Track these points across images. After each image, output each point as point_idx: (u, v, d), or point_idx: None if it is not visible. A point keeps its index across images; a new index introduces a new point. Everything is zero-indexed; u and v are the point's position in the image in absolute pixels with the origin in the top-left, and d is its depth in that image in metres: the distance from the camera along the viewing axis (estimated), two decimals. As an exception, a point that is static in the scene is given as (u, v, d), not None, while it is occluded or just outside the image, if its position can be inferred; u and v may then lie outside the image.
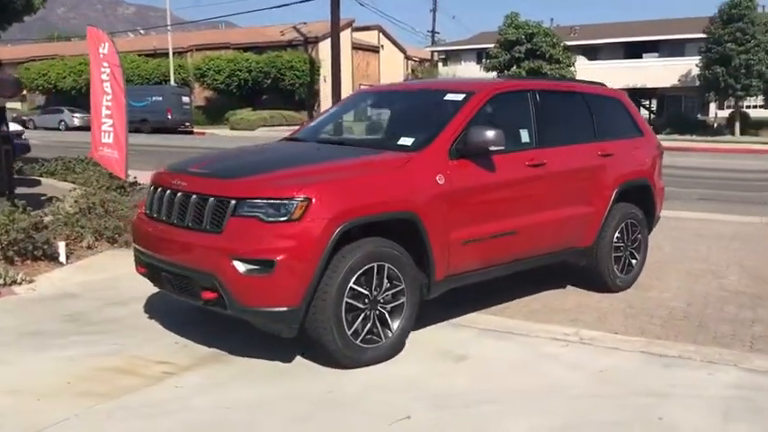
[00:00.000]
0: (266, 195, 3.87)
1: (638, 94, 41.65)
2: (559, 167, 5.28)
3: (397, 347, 4.27)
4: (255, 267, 3.79)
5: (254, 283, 3.81)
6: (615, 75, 39.45)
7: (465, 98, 4.91)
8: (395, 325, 4.22)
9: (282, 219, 3.81)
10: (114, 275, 6.05)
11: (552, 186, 5.25)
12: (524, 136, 5.22)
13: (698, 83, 36.03)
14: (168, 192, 4.31)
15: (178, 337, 4.58)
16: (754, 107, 40.37)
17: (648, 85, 39.49)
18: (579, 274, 6.05)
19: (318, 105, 49.54)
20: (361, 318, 4.07)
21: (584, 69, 38.40)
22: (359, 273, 4.00)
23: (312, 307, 3.89)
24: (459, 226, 4.53)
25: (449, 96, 5.09)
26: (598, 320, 5.26)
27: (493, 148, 4.58)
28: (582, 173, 5.54)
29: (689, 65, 37.41)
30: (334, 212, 3.88)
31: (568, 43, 38.88)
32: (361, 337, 4.07)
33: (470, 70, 43.74)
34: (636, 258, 6.10)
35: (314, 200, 3.83)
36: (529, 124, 5.20)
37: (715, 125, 36.84)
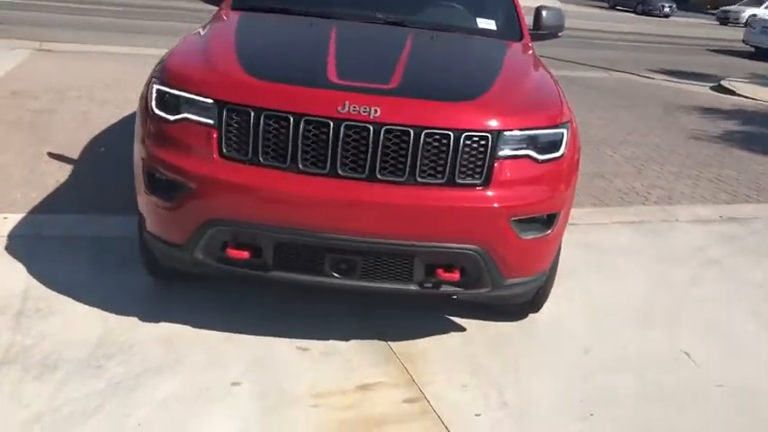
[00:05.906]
0: (538, 124, 2.76)
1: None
2: None
3: None
4: (536, 226, 2.79)
5: (530, 248, 2.82)
6: None
7: None
8: None
9: (555, 155, 2.79)
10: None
11: None
12: None
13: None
14: (335, 124, 2.54)
15: (286, 340, 3.05)
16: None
17: None
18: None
19: None
20: None
21: None
22: None
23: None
24: None
25: None
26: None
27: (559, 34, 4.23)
28: None
29: None
30: (577, 136, 3.02)
31: None
32: None
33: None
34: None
35: (569, 124, 2.91)
36: None
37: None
